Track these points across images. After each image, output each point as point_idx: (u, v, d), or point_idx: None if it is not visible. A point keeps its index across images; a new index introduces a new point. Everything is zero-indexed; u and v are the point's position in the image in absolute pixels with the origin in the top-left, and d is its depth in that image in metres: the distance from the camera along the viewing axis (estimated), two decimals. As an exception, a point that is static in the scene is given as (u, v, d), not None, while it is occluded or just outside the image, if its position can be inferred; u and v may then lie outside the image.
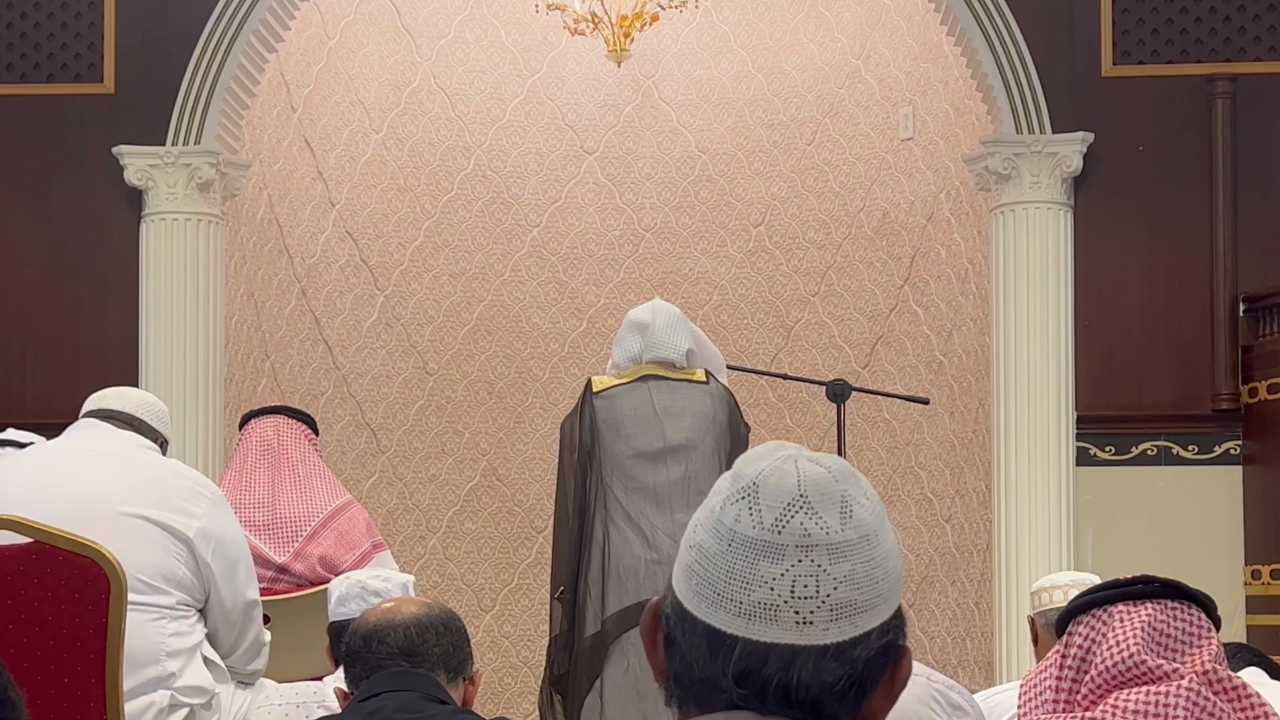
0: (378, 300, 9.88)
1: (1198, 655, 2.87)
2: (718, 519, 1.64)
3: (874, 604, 1.62)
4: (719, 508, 1.65)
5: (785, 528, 1.61)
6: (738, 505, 1.63)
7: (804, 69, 9.89)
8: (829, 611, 1.60)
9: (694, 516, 1.68)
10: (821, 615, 1.60)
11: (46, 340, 8.32)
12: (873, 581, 1.62)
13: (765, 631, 1.60)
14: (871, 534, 1.64)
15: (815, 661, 1.60)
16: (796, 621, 1.59)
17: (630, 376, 6.45)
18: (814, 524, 1.61)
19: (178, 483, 4.46)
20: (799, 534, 1.60)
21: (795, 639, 1.60)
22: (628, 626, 6.23)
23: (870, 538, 1.63)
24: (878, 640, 1.62)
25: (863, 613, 1.61)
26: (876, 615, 1.62)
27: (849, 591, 1.60)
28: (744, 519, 1.62)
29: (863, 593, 1.61)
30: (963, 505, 8.99)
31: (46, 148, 8.38)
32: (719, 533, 1.63)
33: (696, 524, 1.67)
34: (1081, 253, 8.19)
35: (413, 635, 3.25)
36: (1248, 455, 8.07)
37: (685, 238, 10.09)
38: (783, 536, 1.60)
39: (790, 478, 1.63)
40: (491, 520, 10.02)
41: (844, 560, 1.61)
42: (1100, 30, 8.21)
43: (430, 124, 9.99)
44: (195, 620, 4.43)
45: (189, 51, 8.31)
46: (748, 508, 1.62)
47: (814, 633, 1.60)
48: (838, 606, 1.60)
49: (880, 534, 1.65)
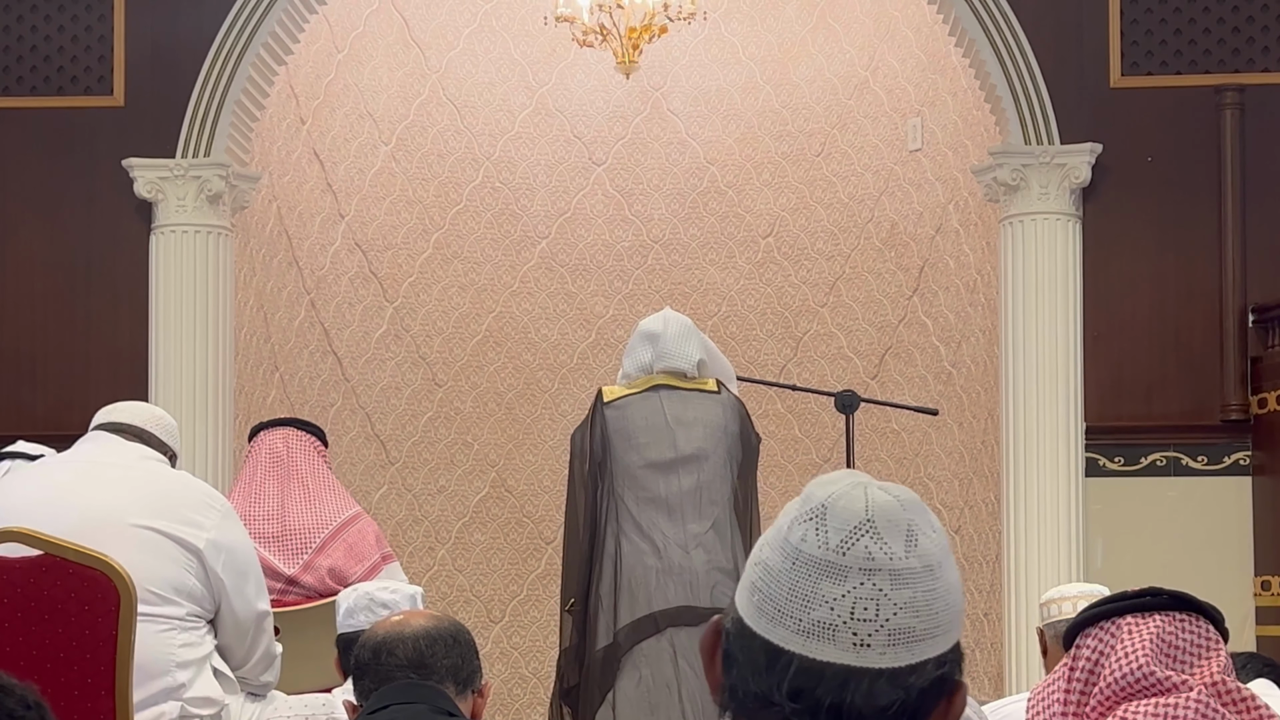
0: (387, 312, 9.89)
1: (1206, 667, 2.87)
2: (784, 537, 1.67)
3: (933, 633, 1.63)
4: (786, 527, 1.67)
5: (850, 550, 1.63)
6: (805, 525, 1.65)
7: (812, 80, 9.89)
8: (887, 635, 1.61)
9: (762, 536, 1.71)
10: (879, 639, 1.61)
11: (56, 352, 8.33)
12: (932, 612, 1.63)
13: (822, 650, 1.62)
14: (935, 565, 1.65)
15: (870, 684, 1.61)
16: (854, 643, 1.61)
17: (641, 386, 6.45)
18: (878, 548, 1.63)
19: (187, 495, 4.47)
20: (863, 557, 1.62)
21: (851, 660, 1.61)
22: (640, 638, 6.23)
23: (934, 568, 1.64)
24: (934, 670, 1.63)
25: (920, 641, 1.63)
26: (934, 645, 1.63)
27: (908, 618, 1.62)
28: (810, 539, 1.64)
29: (921, 621, 1.63)
30: (972, 516, 8.98)
31: (56, 160, 8.40)
32: (784, 551, 1.66)
33: (763, 543, 1.70)
34: (1090, 263, 8.18)
35: (421, 647, 3.25)
36: (1257, 466, 8.06)
37: (694, 249, 10.09)
38: (846, 558, 1.63)
39: (859, 502, 1.65)
40: (500, 531, 10.03)
41: (906, 587, 1.62)
42: (1109, 41, 8.21)
43: (439, 136, 10.01)
44: (205, 631, 4.44)
45: (198, 64, 8.32)
46: (814, 528, 1.65)
47: (870, 655, 1.61)
48: (896, 631, 1.62)
49: (944, 566, 1.66)
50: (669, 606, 6.24)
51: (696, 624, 6.24)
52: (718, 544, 6.31)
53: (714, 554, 6.30)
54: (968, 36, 8.31)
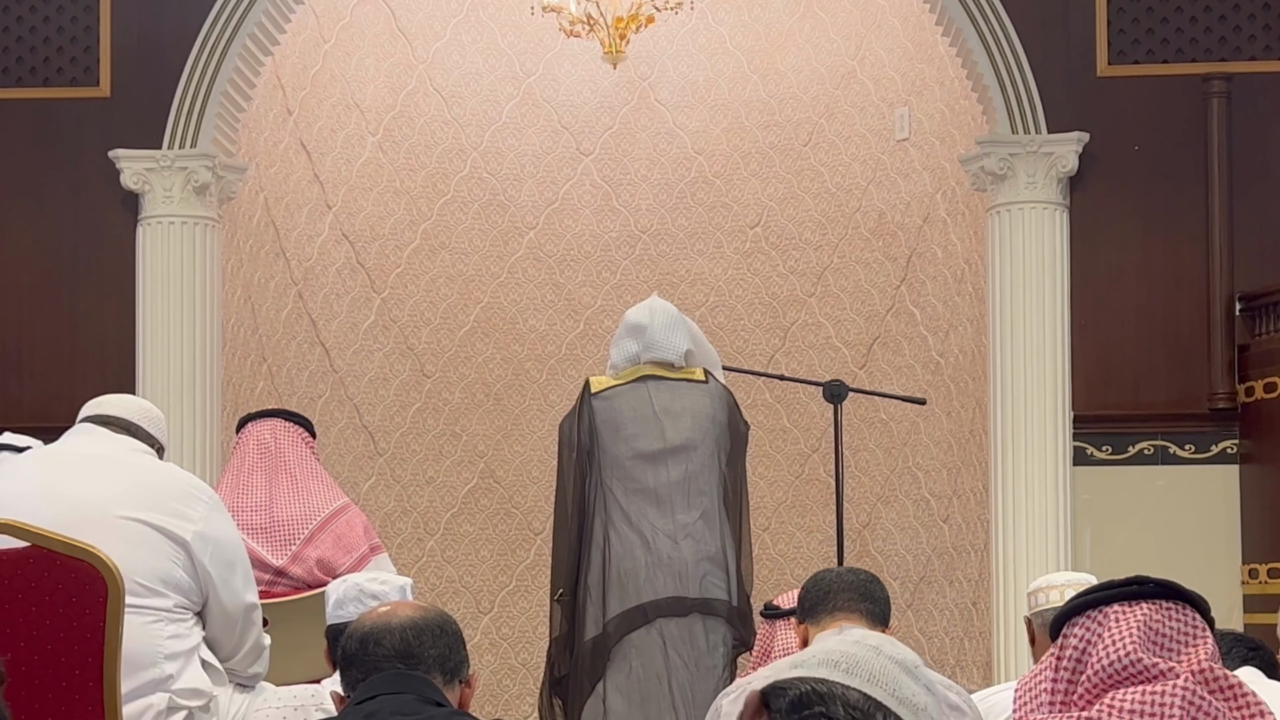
0: (374, 303, 9.88)
1: (1194, 654, 2.87)
2: None
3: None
4: None
5: None
6: None
7: (799, 70, 9.89)
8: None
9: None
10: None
11: (43, 344, 8.32)
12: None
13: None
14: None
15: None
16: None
17: (629, 377, 6.45)
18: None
19: (174, 486, 4.47)
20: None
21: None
22: (630, 629, 6.24)
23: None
24: None
25: None
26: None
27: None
28: None
29: None
30: (960, 505, 8.99)
31: (43, 151, 8.38)
32: None
33: None
34: (1077, 252, 8.19)
35: (409, 637, 3.25)
36: (1245, 454, 8.07)
37: (682, 239, 10.09)
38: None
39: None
40: (489, 522, 10.03)
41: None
42: (1095, 30, 8.21)
43: (426, 126, 10.00)
44: (193, 623, 4.44)
45: (184, 55, 8.31)
46: None
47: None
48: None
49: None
50: (658, 597, 6.25)
51: (686, 614, 6.25)
52: (706, 534, 6.32)
53: (703, 544, 6.30)
54: (955, 26, 8.31)
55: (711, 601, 6.27)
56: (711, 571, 6.28)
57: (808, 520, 9.83)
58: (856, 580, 4.22)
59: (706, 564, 6.28)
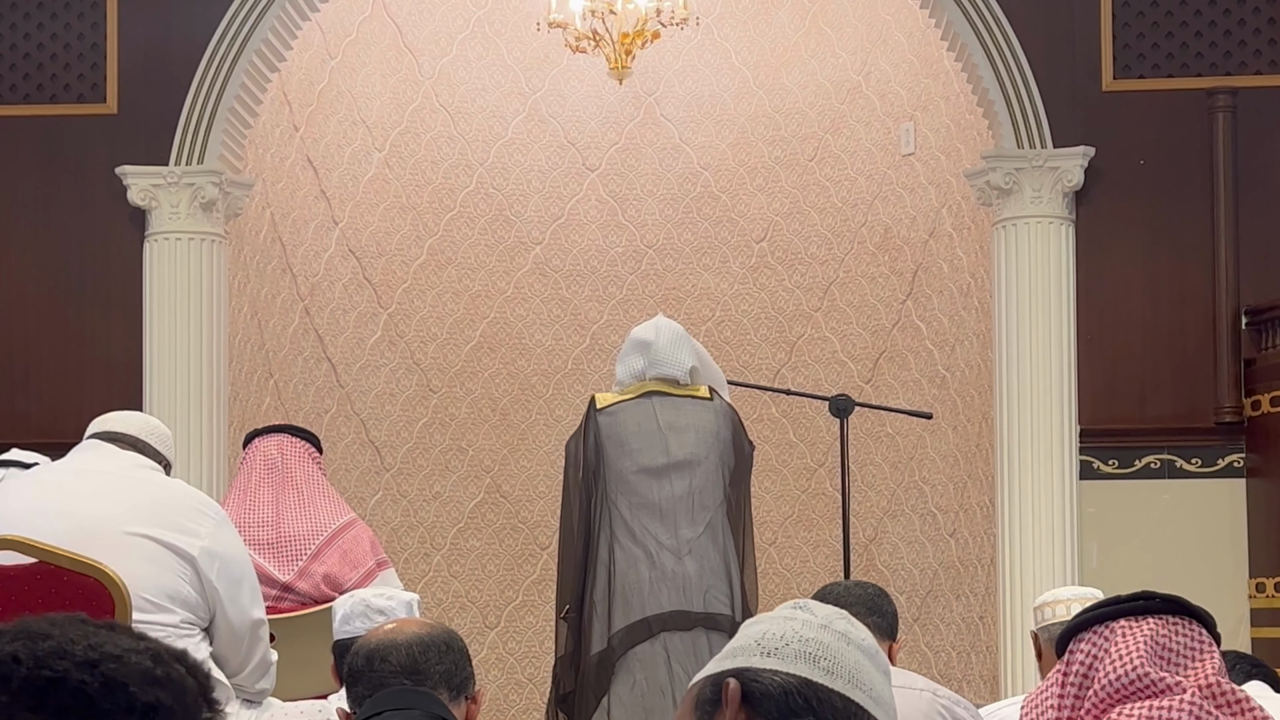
0: (381, 318, 9.89)
1: (1201, 668, 2.87)
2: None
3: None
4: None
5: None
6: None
7: (805, 85, 9.90)
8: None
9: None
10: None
11: (50, 360, 8.33)
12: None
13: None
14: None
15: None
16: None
17: (634, 393, 6.45)
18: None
19: (181, 502, 4.47)
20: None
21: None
22: (634, 643, 6.23)
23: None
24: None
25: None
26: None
27: None
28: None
29: None
30: (966, 519, 8.99)
31: (50, 168, 8.40)
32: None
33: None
34: (1083, 267, 8.19)
35: (415, 654, 3.25)
36: (1251, 468, 8.07)
37: (687, 254, 10.10)
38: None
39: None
40: (496, 537, 10.03)
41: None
42: (1101, 44, 8.22)
43: (433, 142, 10.01)
44: (200, 639, 4.44)
45: (191, 71, 8.33)
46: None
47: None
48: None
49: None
50: (662, 611, 6.24)
51: (690, 628, 6.25)
52: (710, 548, 6.31)
53: (706, 559, 6.30)
54: (960, 41, 8.32)
55: (715, 616, 6.27)
56: (715, 585, 6.28)
57: (814, 535, 9.83)
58: (864, 594, 4.22)
59: (710, 578, 6.28)
